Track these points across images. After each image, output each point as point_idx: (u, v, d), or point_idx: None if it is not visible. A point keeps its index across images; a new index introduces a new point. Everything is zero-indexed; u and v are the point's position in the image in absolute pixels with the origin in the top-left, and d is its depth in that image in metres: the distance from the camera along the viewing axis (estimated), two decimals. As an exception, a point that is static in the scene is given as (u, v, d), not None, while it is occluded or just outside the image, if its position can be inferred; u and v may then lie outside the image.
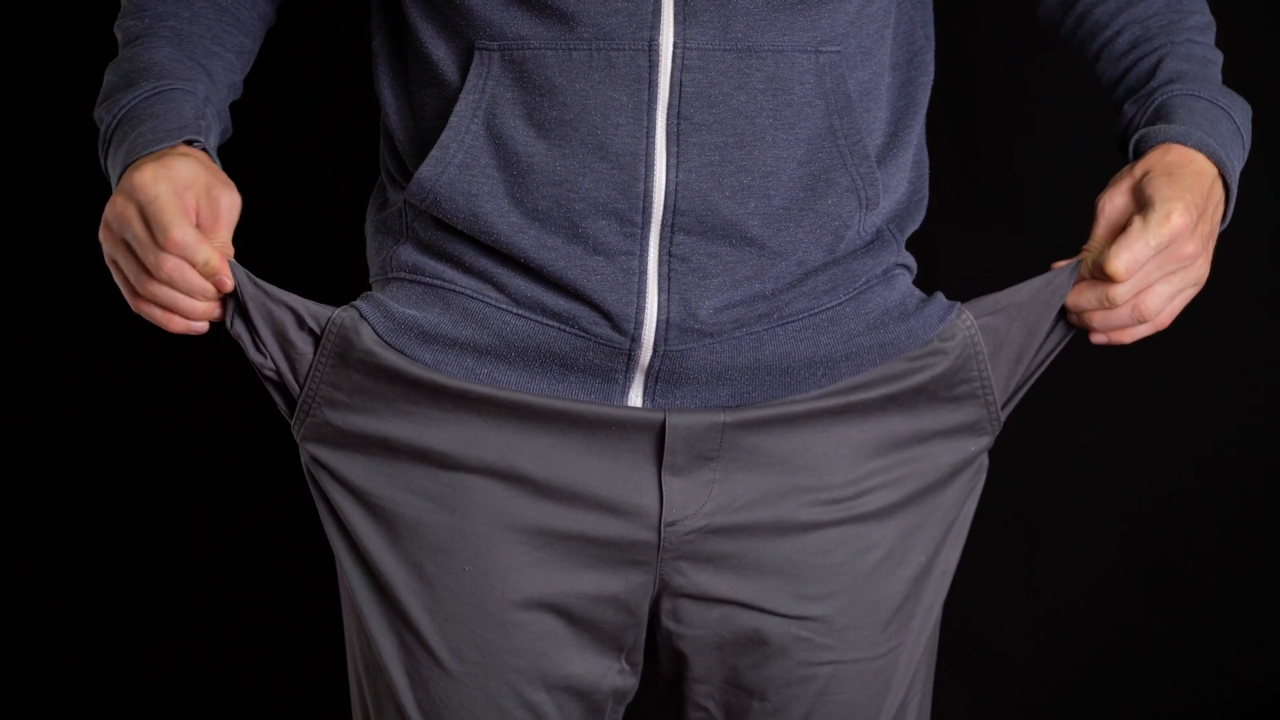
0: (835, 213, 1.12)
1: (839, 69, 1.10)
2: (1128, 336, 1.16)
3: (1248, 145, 1.19)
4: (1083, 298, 1.15)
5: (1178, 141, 1.14)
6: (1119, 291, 1.13)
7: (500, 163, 1.10)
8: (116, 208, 1.08)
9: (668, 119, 1.08)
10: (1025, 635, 2.16)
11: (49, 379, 2.14)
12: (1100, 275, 1.13)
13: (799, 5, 1.08)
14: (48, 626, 2.21)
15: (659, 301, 1.11)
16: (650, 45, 1.07)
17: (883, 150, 1.16)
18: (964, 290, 1.20)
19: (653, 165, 1.08)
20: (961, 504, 1.23)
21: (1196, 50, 1.19)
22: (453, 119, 1.10)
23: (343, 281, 1.75)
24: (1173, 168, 1.13)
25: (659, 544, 1.16)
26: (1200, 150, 1.14)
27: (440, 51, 1.13)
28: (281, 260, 2.10)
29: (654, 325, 1.11)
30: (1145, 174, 1.13)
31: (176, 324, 1.10)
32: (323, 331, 1.14)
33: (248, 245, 2.20)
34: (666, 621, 1.20)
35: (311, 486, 1.20)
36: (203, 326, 1.11)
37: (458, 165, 1.11)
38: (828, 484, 1.17)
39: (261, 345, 1.14)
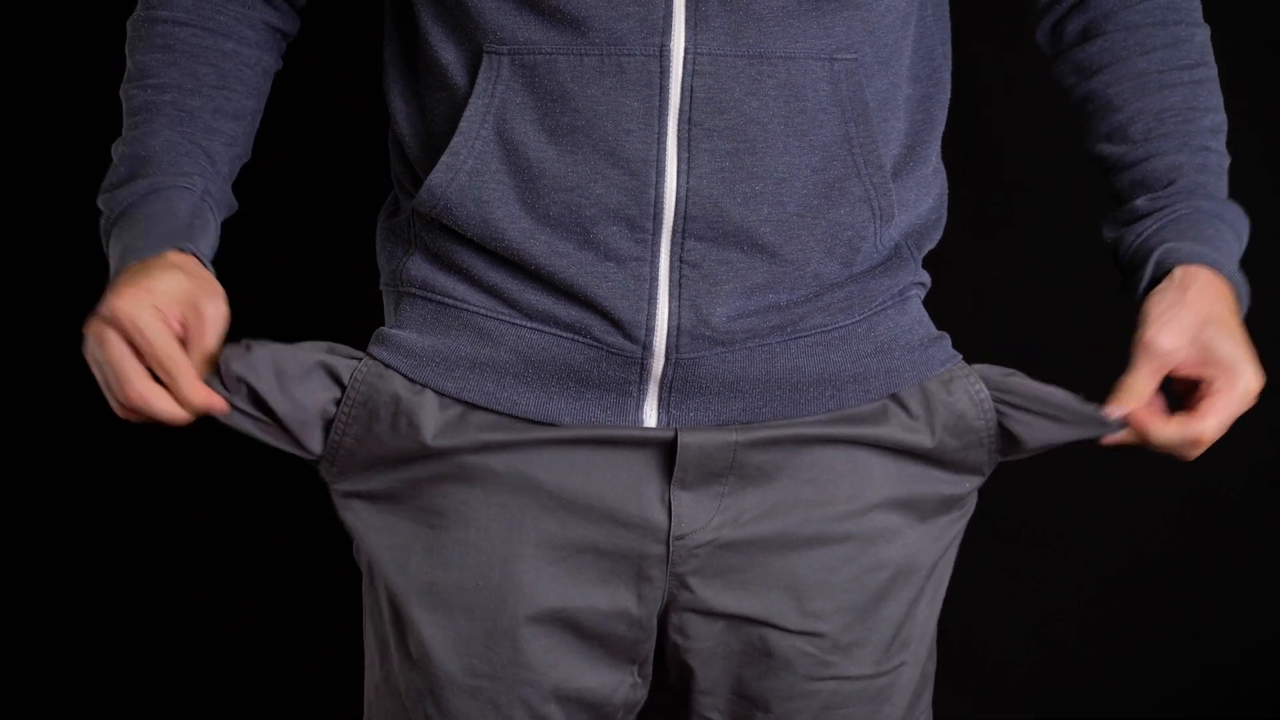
0: (848, 222, 1.12)
1: (855, 77, 1.10)
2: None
3: (1241, 249, 1.21)
4: (1166, 436, 1.16)
5: (1213, 268, 1.15)
6: (1204, 443, 1.15)
7: (511, 169, 1.10)
8: (95, 332, 1.07)
9: (679, 125, 1.07)
10: (1025, 646, 2.16)
11: (49, 380, 2.14)
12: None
13: (813, 12, 1.07)
14: (48, 626, 2.21)
15: (669, 308, 1.10)
16: (661, 51, 1.07)
17: (899, 162, 1.16)
18: (970, 296, 1.19)
19: (663, 171, 1.08)
20: (951, 532, 1.24)
21: (1211, 160, 1.19)
22: (462, 124, 1.10)
23: (347, 285, 1.76)
24: (1221, 310, 1.14)
25: (667, 558, 1.16)
26: (1230, 283, 1.16)
27: (450, 56, 1.12)
28: (286, 263, 2.11)
29: (665, 332, 1.10)
30: (1204, 323, 1.14)
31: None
32: (347, 385, 1.15)
33: (253, 247, 2.18)
34: (673, 635, 1.20)
35: (342, 518, 1.21)
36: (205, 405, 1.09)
37: (468, 171, 1.11)
38: (833, 499, 1.17)
39: (270, 432, 1.15)
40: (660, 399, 1.13)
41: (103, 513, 2.18)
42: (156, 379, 1.07)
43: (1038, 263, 2.08)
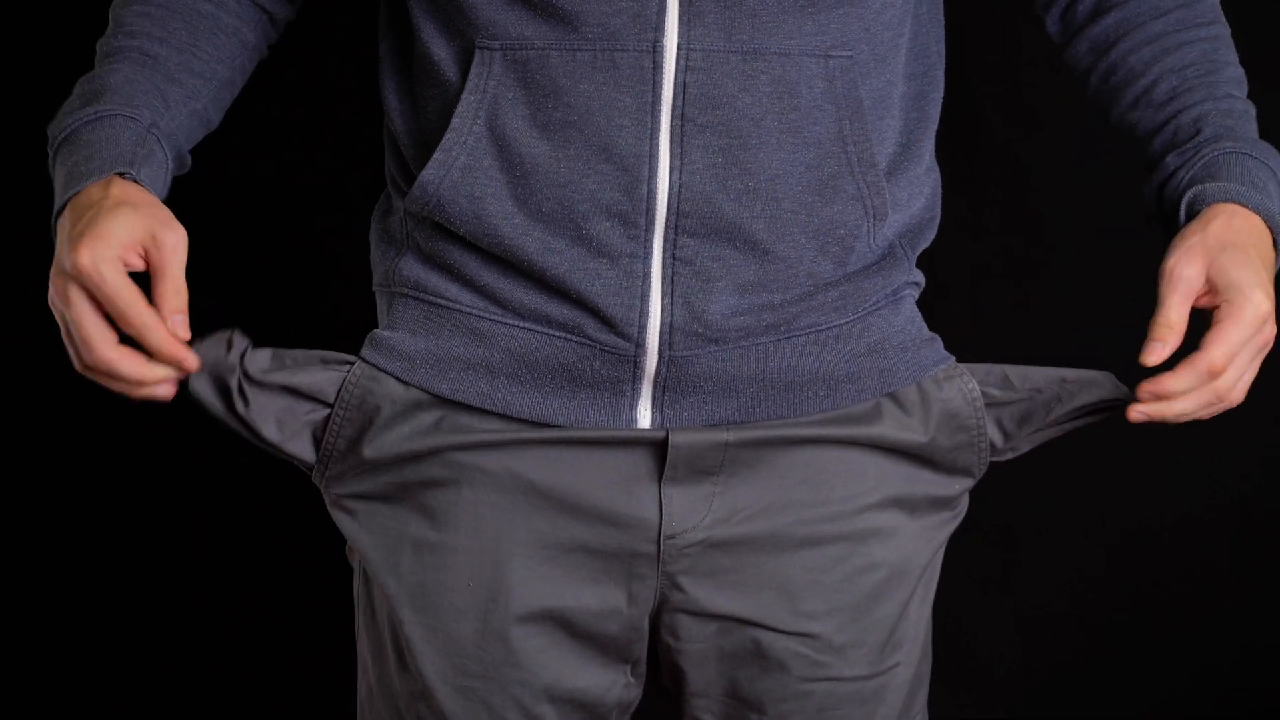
0: (841, 220, 1.11)
1: (850, 74, 1.10)
2: (1206, 416, 1.13)
3: None
4: (1188, 402, 1.10)
5: (1239, 202, 1.13)
6: (1226, 383, 1.10)
7: (503, 164, 1.10)
8: (58, 287, 1.03)
9: (671, 120, 1.07)
10: (1018, 643, 2.16)
11: (49, 379, 2.13)
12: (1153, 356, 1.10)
13: (808, 9, 1.07)
14: (48, 626, 2.21)
15: (662, 305, 1.10)
16: (654, 46, 1.06)
17: (893, 161, 1.15)
18: (965, 297, 1.19)
19: (656, 166, 1.08)
20: (943, 534, 1.24)
21: (1237, 105, 1.19)
22: (455, 120, 1.10)
23: (339, 286, 1.75)
24: (1241, 237, 1.11)
25: (659, 557, 1.15)
26: (1259, 213, 1.13)
27: (442, 52, 1.12)
28: (277, 264, 2.11)
29: (657, 329, 1.10)
30: (1221, 248, 1.10)
31: (135, 394, 1.05)
32: (339, 391, 1.15)
33: (242, 249, 2.18)
34: (665, 636, 1.20)
35: (335, 519, 1.21)
36: (166, 392, 1.04)
37: (461, 167, 1.10)
38: (827, 499, 1.17)
39: (263, 437, 1.15)
40: (654, 398, 1.13)
41: (102, 513, 2.18)
42: (123, 337, 1.04)
43: (1036, 263, 2.08)
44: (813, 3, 1.07)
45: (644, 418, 1.13)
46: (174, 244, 1.04)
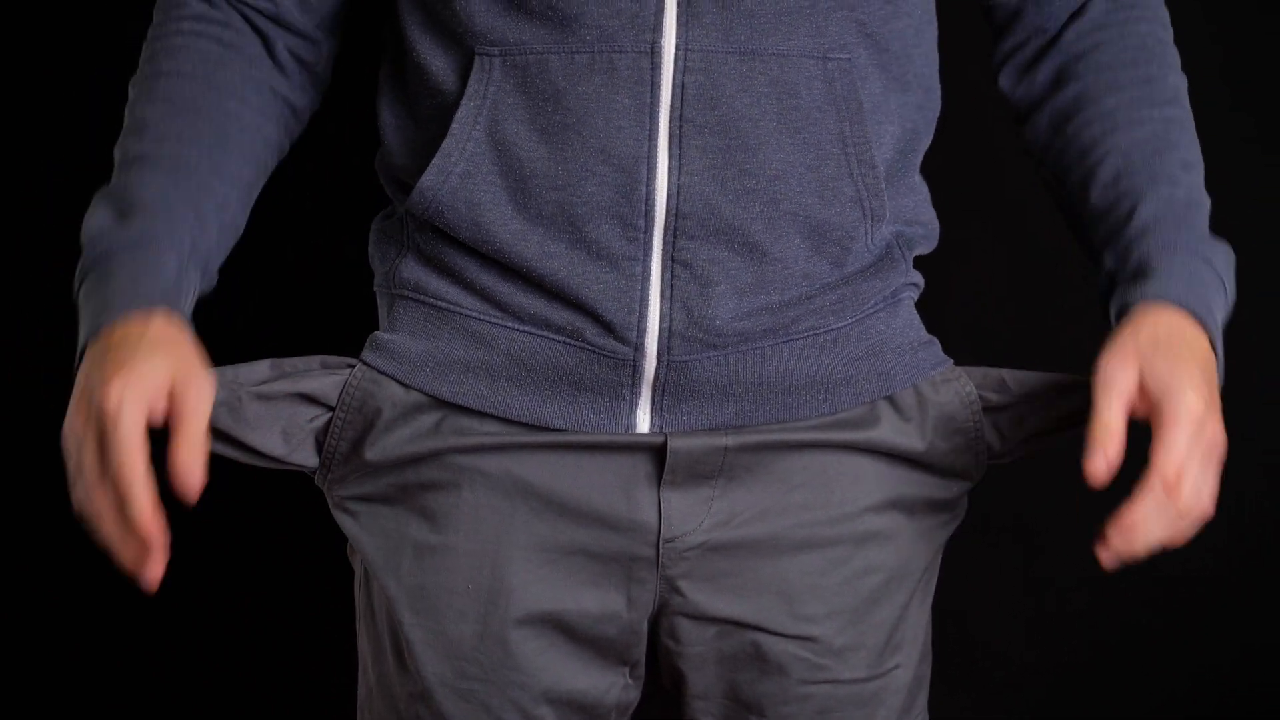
0: (838, 222, 1.11)
1: (849, 77, 1.09)
2: (1180, 539, 1.05)
3: (1231, 293, 1.12)
4: (1156, 528, 1.03)
5: (1168, 301, 1.07)
6: (1186, 496, 1.02)
7: (502, 169, 1.10)
8: (80, 419, 0.99)
9: (670, 121, 1.07)
10: (1025, 639, 2.16)
11: (49, 379, 2.13)
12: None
13: (805, 10, 1.07)
14: (48, 626, 2.21)
15: (661, 309, 1.10)
16: (653, 48, 1.06)
17: (892, 165, 1.15)
18: (963, 299, 1.18)
19: (655, 168, 1.08)
20: (942, 536, 1.24)
21: (1179, 193, 1.12)
22: (454, 127, 1.10)
23: (340, 286, 1.75)
24: (1173, 337, 1.05)
25: (658, 560, 1.15)
26: (1188, 311, 1.07)
27: (439, 62, 1.12)
28: (281, 266, 2.11)
29: (656, 334, 1.10)
30: (1152, 349, 1.04)
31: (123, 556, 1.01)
32: (340, 394, 1.14)
33: (248, 250, 2.19)
34: (665, 640, 1.20)
35: (338, 521, 1.21)
36: (151, 574, 1.00)
37: (459, 174, 1.10)
38: (825, 503, 1.17)
39: (266, 454, 1.15)
40: (653, 402, 1.13)
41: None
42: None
43: (1036, 265, 2.08)
44: (811, 4, 1.07)
45: (643, 422, 1.13)
46: (197, 398, 1.00)
